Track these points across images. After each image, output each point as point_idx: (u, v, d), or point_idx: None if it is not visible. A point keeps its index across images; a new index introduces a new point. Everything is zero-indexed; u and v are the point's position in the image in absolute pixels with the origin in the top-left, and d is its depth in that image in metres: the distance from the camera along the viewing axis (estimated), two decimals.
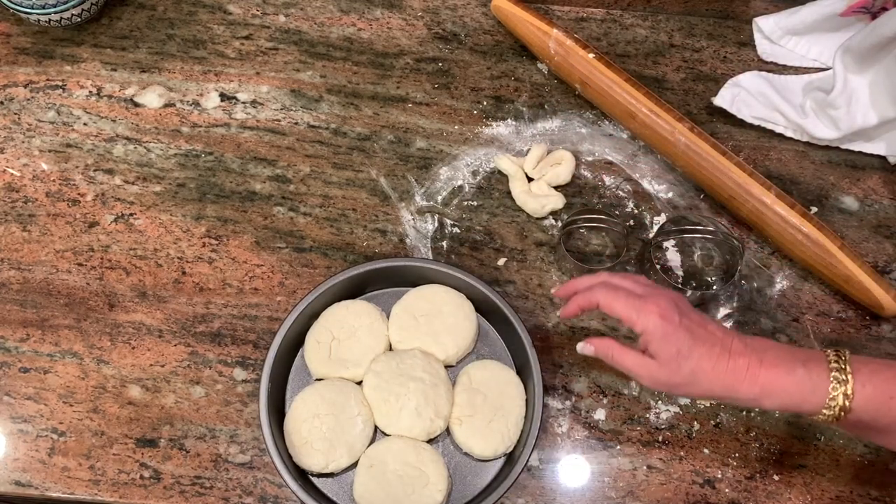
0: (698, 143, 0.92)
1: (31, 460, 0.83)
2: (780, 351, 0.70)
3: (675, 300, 0.71)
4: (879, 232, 0.95)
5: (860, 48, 0.91)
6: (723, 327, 0.72)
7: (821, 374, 0.67)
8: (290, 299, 0.90)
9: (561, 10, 1.07)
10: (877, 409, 0.67)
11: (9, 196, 0.95)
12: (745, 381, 0.68)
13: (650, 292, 0.72)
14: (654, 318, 0.70)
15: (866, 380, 0.67)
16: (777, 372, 0.68)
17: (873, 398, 0.67)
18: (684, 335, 0.69)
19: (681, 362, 0.69)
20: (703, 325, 0.70)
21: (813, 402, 0.68)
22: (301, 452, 0.80)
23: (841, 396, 0.67)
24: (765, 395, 0.68)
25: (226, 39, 1.05)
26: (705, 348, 0.69)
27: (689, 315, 0.71)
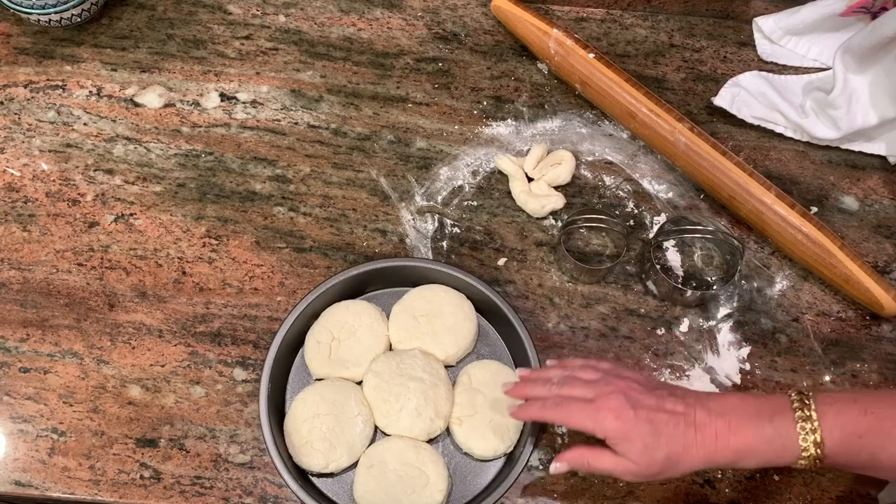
0: (698, 143, 0.92)
1: (31, 460, 0.83)
2: (744, 409, 0.68)
3: (625, 391, 0.70)
4: (879, 232, 0.95)
5: (860, 48, 0.91)
6: (683, 397, 0.70)
7: (788, 429, 0.67)
8: (290, 299, 0.90)
9: (561, 10, 1.07)
10: (848, 452, 0.66)
11: (9, 196, 0.95)
12: (718, 451, 0.68)
13: (600, 392, 0.70)
14: (609, 422, 0.69)
15: (833, 424, 0.66)
16: (745, 433, 0.67)
17: (843, 442, 0.66)
18: (645, 428, 0.68)
19: (651, 454, 0.68)
20: (661, 408, 0.69)
21: (787, 456, 0.67)
22: (301, 452, 0.80)
23: (812, 447, 0.66)
24: (740, 458, 0.68)
25: (226, 39, 1.05)
26: (670, 431, 0.68)
27: (643, 403, 0.69)
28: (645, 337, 0.90)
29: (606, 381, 0.71)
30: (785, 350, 0.89)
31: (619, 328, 0.90)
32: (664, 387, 0.71)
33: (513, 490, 0.80)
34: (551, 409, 0.72)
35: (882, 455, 0.65)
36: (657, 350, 0.89)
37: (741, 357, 0.89)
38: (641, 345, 0.89)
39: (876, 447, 0.65)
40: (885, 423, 0.65)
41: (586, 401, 0.70)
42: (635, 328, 0.90)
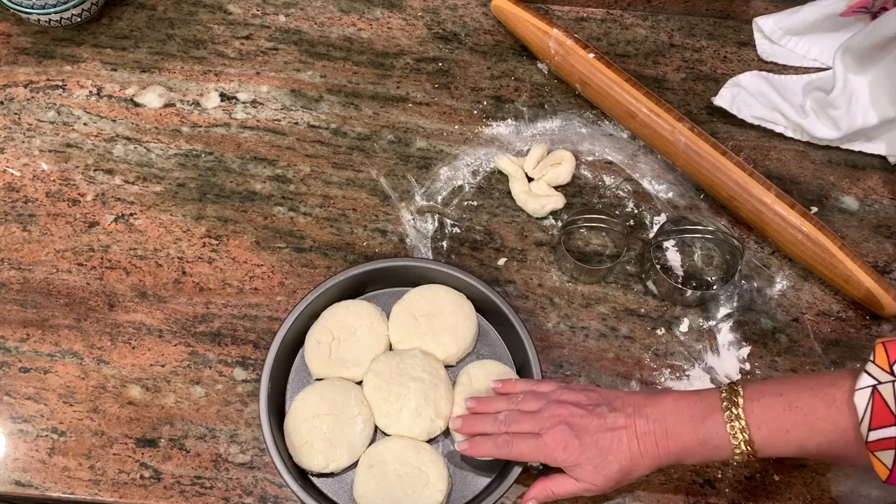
0: (698, 142, 0.92)
1: (32, 460, 0.83)
2: (678, 413, 0.72)
3: (566, 419, 0.73)
4: (879, 232, 0.95)
5: (860, 48, 0.91)
6: (622, 409, 0.73)
7: (719, 430, 0.70)
8: (290, 299, 0.90)
9: (561, 10, 1.07)
10: (777, 445, 0.69)
11: (9, 196, 0.95)
12: (661, 456, 0.72)
13: (542, 424, 0.74)
14: (558, 454, 0.73)
15: (760, 421, 0.69)
16: (681, 437, 0.71)
17: (770, 436, 0.69)
18: (591, 452, 0.72)
19: (604, 472, 0.72)
20: (603, 428, 0.73)
21: (723, 454, 0.70)
22: (301, 452, 0.80)
23: (742, 444, 0.69)
24: (681, 459, 0.72)
25: (226, 39, 1.05)
26: (616, 448, 0.72)
27: (586, 427, 0.73)
28: (645, 337, 0.90)
29: (550, 411, 0.75)
30: (785, 350, 0.89)
31: (619, 328, 0.90)
32: (604, 400, 0.75)
33: (513, 490, 0.80)
34: (503, 447, 0.75)
35: (808, 445, 0.68)
36: (657, 350, 0.89)
37: (741, 357, 0.89)
38: (641, 345, 0.89)
39: (802, 439, 0.68)
40: (809, 417, 0.67)
41: (533, 435, 0.74)
42: (635, 328, 0.90)
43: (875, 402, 0.63)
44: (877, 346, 0.65)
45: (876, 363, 0.65)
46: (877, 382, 0.64)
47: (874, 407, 0.63)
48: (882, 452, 0.63)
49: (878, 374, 0.64)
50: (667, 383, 0.87)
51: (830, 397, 0.67)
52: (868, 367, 0.65)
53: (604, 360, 0.88)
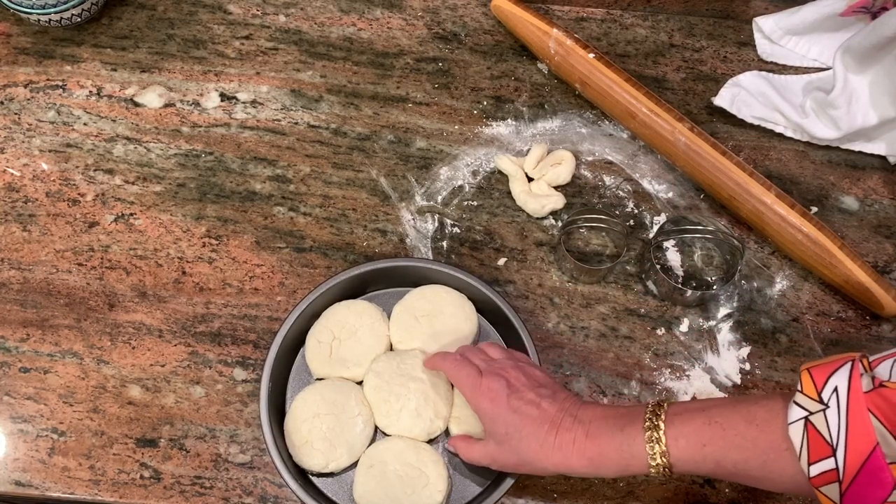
0: (698, 142, 0.92)
1: (31, 460, 0.83)
2: (605, 420, 0.71)
3: (510, 379, 0.74)
4: (879, 232, 0.95)
5: (860, 48, 0.91)
6: (560, 402, 0.73)
7: (636, 438, 0.68)
8: (290, 299, 0.90)
9: (561, 10, 1.07)
10: (693, 459, 0.67)
11: (9, 196, 0.95)
12: (573, 455, 0.70)
13: (490, 369, 0.75)
14: (484, 400, 0.73)
15: (678, 433, 0.67)
16: (599, 442, 0.70)
17: (687, 449, 0.67)
18: (511, 416, 0.72)
19: (511, 443, 0.72)
20: (534, 404, 0.72)
21: (637, 465, 0.69)
22: (301, 452, 0.80)
23: (658, 455, 0.68)
24: (594, 466, 0.70)
25: (226, 39, 1.05)
26: (532, 428, 0.71)
27: (520, 394, 0.73)
28: (645, 337, 0.90)
29: (503, 364, 0.76)
30: (785, 350, 0.89)
31: (619, 328, 0.90)
32: (550, 388, 0.74)
33: (512, 490, 0.80)
34: (449, 362, 0.77)
35: (726, 462, 0.66)
36: (657, 350, 0.89)
37: (741, 357, 0.89)
38: (641, 345, 0.89)
39: (719, 455, 0.66)
40: (728, 433, 0.65)
41: (477, 371, 0.75)
42: (635, 328, 0.90)
43: (810, 435, 0.60)
44: (802, 374, 0.62)
45: (804, 393, 0.62)
46: (808, 413, 0.61)
47: (809, 440, 0.60)
48: (826, 487, 0.60)
49: (808, 405, 0.61)
50: (667, 383, 0.87)
51: (752, 415, 0.65)
52: (797, 397, 0.62)
53: (604, 360, 0.88)
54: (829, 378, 0.61)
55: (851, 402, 0.59)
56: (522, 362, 0.78)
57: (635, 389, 0.87)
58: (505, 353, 0.79)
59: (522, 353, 0.83)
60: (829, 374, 0.61)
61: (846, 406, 0.59)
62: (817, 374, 0.62)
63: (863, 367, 0.61)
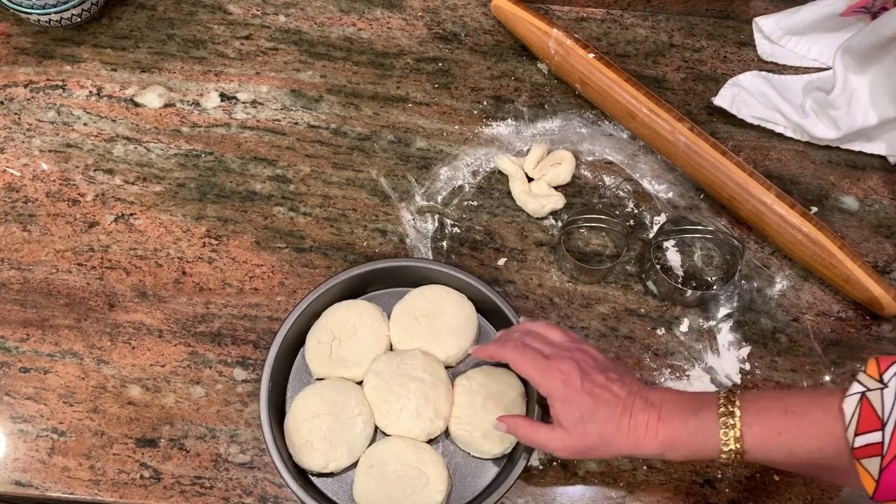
0: (698, 142, 0.92)
1: (31, 460, 0.83)
2: (676, 403, 0.71)
3: (580, 361, 0.73)
4: (879, 232, 0.95)
5: (860, 48, 0.91)
6: (629, 386, 0.72)
7: (711, 422, 0.69)
8: (290, 299, 0.90)
9: (561, 10, 1.07)
10: (766, 448, 0.68)
11: (9, 196, 0.95)
12: (646, 439, 0.70)
13: (557, 353, 0.74)
14: (555, 383, 0.72)
15: (753, 420, 0.68)
16: (672, 425, 0.70)
17: (761, 436, 0.68)
18: (585, 399, 0.71)
19: (586, 426, 0.71)
20: (606, 387, 0.72)
21: (709, 450, 0.69)
22: (301, 452, 0.80)
23: (732, 441, 0.68)
24: (666, 448, 0.70)
25: (226, 39, 1.05)
26: (608, 410, 0.71)
27: (592, 377, 0.72)
28: (645, 337, 0.90)
29: (567, 347, 0.75)
30: (785, 350, 0.89)
31: (619, 328, 0.90)
32: (616, 371, 0.74)
33: (513, 490, 0.80)
34: (510, 350, 0.75)
35: (799, 451, 0.67)
36: (657, 350, 0.89)
37: (741, 357, 0.89)
38: (641, 345, 0.89)
39: (793, 444, 0.67)
40: (804, 421, 0.66)
41: (542, 356, 0.74)
42: (635, 328, 0.90)
43: (863, 408, 0.63)
44: (869, 360, 0.65)
45: (867, 373, 0.64)
46: (866, 389, 0.63)
47: (861, 412, 0.63)
48: (868, 460, 0.62)
49: (868, 383, 0.64)
50: (667, 383, 0.87)
51: (828, 405, 0.66)
52: (859, 376, 0.65)
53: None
54: (894, 363, 0.63)
55: None
56: (584, 343, 0.77)
57: None
58: (565, 336, 0.77)
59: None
60: (895, 361, 0.63)
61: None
62: (883, 361, 0.64)
63: None
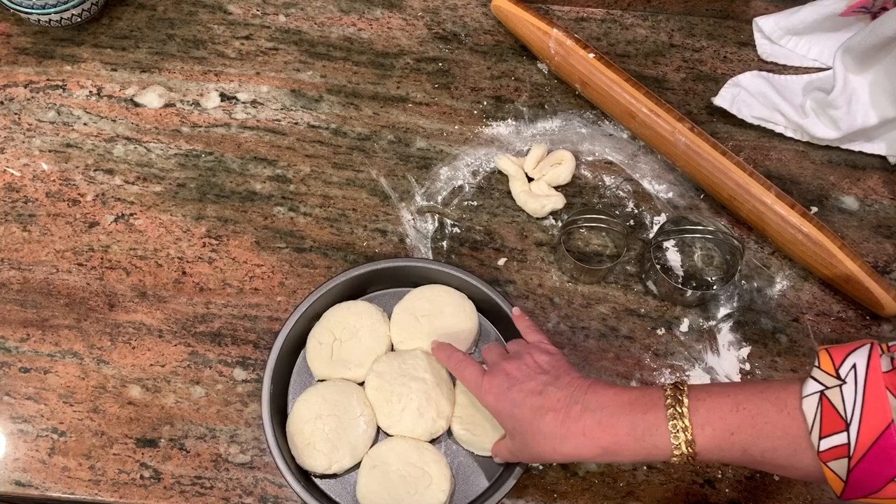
0: (698, 142, 0.92)
1: (32, 460, 0.83)
2: (619, 407, 0.68)
3: (511, 371, 0.73)
4: (879, 232, 0.95)
5: (860, 48, 0.91)
6: (564, 389, 0.70)
7: (659, 426, 0.66)
8: (290, 299, 0.90)
9: (561, 10, 1.07)
10: (720, 448, 0.65)
11: (9, 196, 0.95)
12: (585, 446, 0.68)
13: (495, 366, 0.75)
14: (489, 397, 0.74)
15: (704, 420, 0.65)
16: (615, 431, 0.67)
17: (713, 437, 0.65)
18: (514, 411, 0.71)
19: (521, 437, 0.72)
20: (536, 392, 0.71)
21: (659, 454, 0.67)
22: (304, 454, 0.80)
23: (683, 444, 0.65)
24: (610, 454, 0.68)
25: (226, 39, 1.04)
26: (536, 419, 0.70)
27: (521, 385, 0.72)
28: (645, 337, 0.90)
29: (509, 358, 0.75)
30: (785, 350, 0.89)
31: (619, 328, 0.90)
32: (553, 373, 0.73)
33: (515, 490, 0.80)
34: (453, 362, 0.78)
35: (753, 450, 0.64)
36: (657, 350, 0.89)
37: (741, 357, 0.89)
38: (641, 345, 0.89)
39: (747, 443, 0.64)
40: (757, 420, 0.64)
41: (480, 371, 0.76)
42: (635, 328, 0.90)
43: (824, 409, 0.60)
44: (820, 353, 0.63)
45: (821, 368, 0.62)
46: (824, 388, 0.61)
47: (823, 413, 0.60)
48: (834, 462, 0.60)
49: (825, 380, 0.61)
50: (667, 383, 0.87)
51: (782, 401, 0.63)
52: (814, 372, 0.62)
53: (604, 360, 0.89)
54: (848, 356, 0.61)
55: (870, 379, 0.59)
56: (532, 348, 0.76)
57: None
58: (520, 344, 0.78)
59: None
60: (848, 353, 0.61)
61: (864, 382, 0.59)
62: (836, 353, 0.62)
63: (881, 349, 0.61)
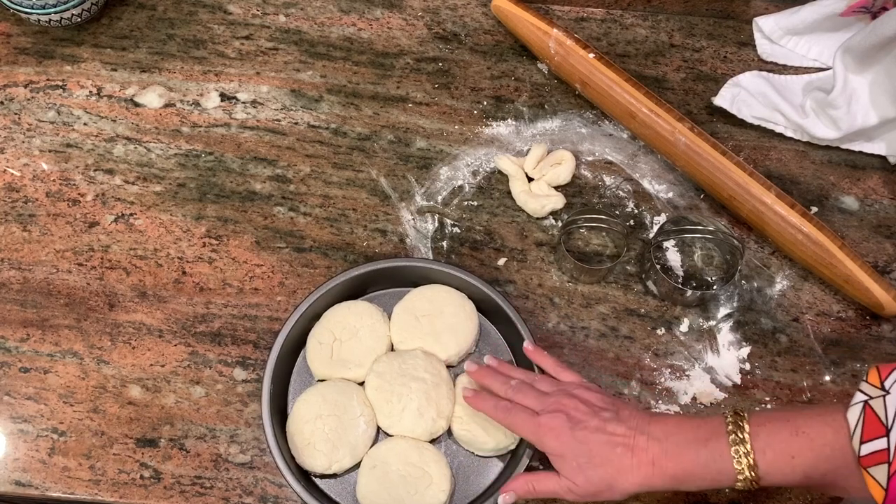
0: (698, 142, 0.92)
1: (32, 460, 0.83)
2: (682, 434, 0.70)
3: (568, 410, 0.72)
4: (879, 232, 0.95)
5: (860, 48, 0.91)
6: (626, 420, 0.71)
7: (723, 453, 0.68)
8: (290, 299, 0.90)
9: (561, 10, 1.07)
10: (782, 472, 0.67)
11: (9, 196, 0.95)
12: (654, 475, 0.69)
13: (546, 406, 0.74)
14: (549, 440, 0.72)
15: (765, 446, 0.67)
16: (681, 460, 0.69)
17: (775, 462, 0.67)
18: (580, 448, 0.71)
19: (587, 474, 0.71)
20: (600, 430, 0.71)
21: (724, 480, 0.68)
22: (304, 454, 0.80)
23: (746, 469, 0.67)
24: (678, 483, 0.70)
25: (226, 39, 1.04)
26: (605, 453, 0.70)
27: (584, 424, 0.71)
28: (645, 337, 0.90)
29: (557, 398, 0.74)
30: (785, 350, 0.89)
31: (619, 328, 0.90)
32: (611, 408, 0.73)
33: None
34: (502, 412, 0.76)
35: (814, 473, 0.66)
36: (657, 350, 0.89)
37: (741, 357, 0.89)
38: (641, 345, 0.89)
39: (808, 466, 0.66)
40: (816, 443, 0.66)
41: (532, 413, 0.74)
42: (635, 328, 0.90)
43: (866, 416, 0.62)
44: (870, 369, 0.65)
45: (868, 382, 0.64)
46: (868, 398, 0.63)
47: (865, 420, 0.62)
48: (875, 468, 0.61)
49: (870, 391, 0.63)
50: (667, 383, 0.87)
51: (840, 424, 0.65)
52: (861, 386, 0.64)
53: (604, 360, 0.88)
54: (895, 370, 0.63)
55: None
56: (575, 387, 0.76)
57: (635, 389, 0.87)
58: (553, 384, 0.77)
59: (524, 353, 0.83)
60: (895, 368, 0.63)
61: None
62: (884, 368, 0.64)
63: None
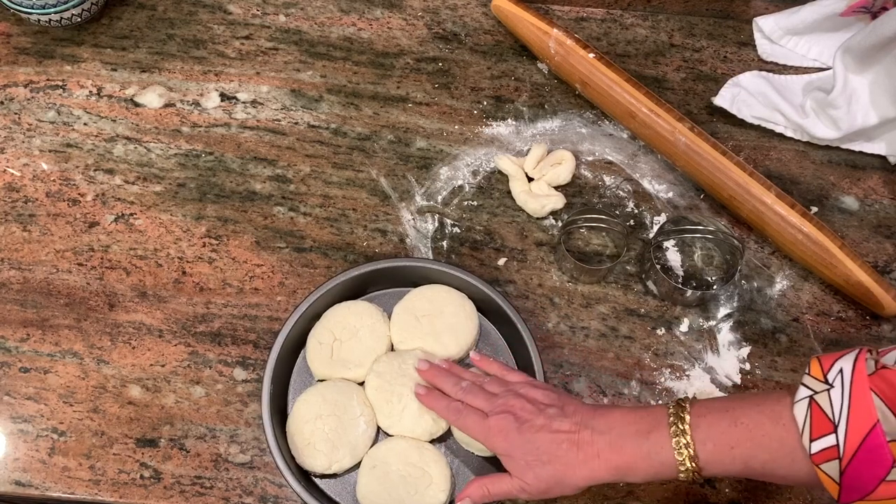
0: (698, 142, 0.92)
1: (32, 460, 0.83)
2: (626, 426, 0.70)
3: (515, 410, 0.73)
4: (879, 232, 0.95)
5: (860, 48, 0.91)
6: (572, 416, 0.72)
7: (664, 444, 0.68)
8: (290, 299, 0.90)
9: (561, 10, 1.07)
10: (722, 462, 0.67)
11: (9, 196, 0.95)
12: (600, 469, 0.70)
13: (494, 408, 0.75)
14: (498, 440, 0.73)
15: (705, 436, 0.67)
16: (624, 452, 0.70)
17: (715, 452, 0.67)
18: (527, 447, 0.72)
19: (535, 472, 0.71)
20: (546, 427, 0.72)
21: (667, 471, 0.69)
22: (304, 454, 0.80)
23: (687, 460, 0.67)
24: (622, 474, 0.70)
25: (226, 39, 1.04)
26: (552, 450, 0.71)
27: (530, 422, 0.72)
28: (645, 337, 0.90)
29: (504, 399, 0.75)
30: (785, 350, 0.89)
31: (619, 328, 0.90)
32: (557, 405, 0.74)
33: None
34: (453, 413, 0.77)
35: (754, 463, 0.66)
36: (657, 350, 0.89)
37: (741, 357, 0.89)
38: (641, 345, 0.89)
39: (747, 456, 0.66)
40: (755, 433, 0.66)
41: (482, 415, 0.75)
42: (635, 328, 0.90)
43: (813, 413, 0.62)
44: (811, 361, 0.65)
45: (811, 375, 0.64)
46: (813, 392, 0.63)
47: (812, 417, 0.62)
48: (826, 465, 0.62)
49: (814, 385, 0.63)
50: (667, 383, 0.87)
51: (777, 413, 0.65)
52: (804, 379, 0.64)
53: (604, 360, 0.89)
54: (836, 362, 0.63)
55: (855, 381, 0.61)
56: (521, 386, 0.77)
57: (635, 389, 0.87)
58: (501, 384, 0.78)
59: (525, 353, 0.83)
60: (836, 359, 0.64)
61: (849, 385, 0.61)
62: (825, 360, 0.64)
63: (869, 354, 0.63)
